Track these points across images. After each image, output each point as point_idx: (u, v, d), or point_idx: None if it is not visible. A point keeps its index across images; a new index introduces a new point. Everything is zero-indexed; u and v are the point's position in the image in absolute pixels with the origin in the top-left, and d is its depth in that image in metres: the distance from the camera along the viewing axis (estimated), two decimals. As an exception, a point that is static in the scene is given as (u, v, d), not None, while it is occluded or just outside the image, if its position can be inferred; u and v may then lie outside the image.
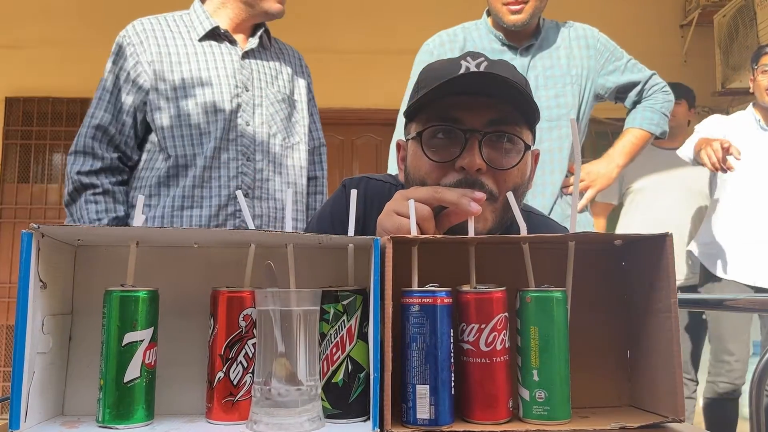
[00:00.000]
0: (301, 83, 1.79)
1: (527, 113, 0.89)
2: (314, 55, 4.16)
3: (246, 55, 1.68)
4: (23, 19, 4.12)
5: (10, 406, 0.71)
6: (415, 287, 0.78)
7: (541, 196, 1.80)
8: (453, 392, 0.76)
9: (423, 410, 0.74)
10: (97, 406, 0.76)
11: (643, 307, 0.85)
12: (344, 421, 0.78)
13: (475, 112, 0.87)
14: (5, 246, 4.08)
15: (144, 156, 1.65)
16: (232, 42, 1.67)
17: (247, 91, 1.65)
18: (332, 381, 0.79)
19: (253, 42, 1.70)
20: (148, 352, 0.77)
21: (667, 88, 2.02)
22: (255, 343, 0.78)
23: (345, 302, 0.79)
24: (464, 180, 0.88)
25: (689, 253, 2.73)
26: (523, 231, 0.83)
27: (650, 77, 1.99)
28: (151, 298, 0.78)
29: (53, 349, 0.79)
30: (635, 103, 2.00)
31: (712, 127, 2.64)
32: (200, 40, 1.65)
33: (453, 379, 0.76)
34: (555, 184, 1.82)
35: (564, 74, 1.87)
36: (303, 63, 1.85)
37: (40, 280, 0.75)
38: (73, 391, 0.83)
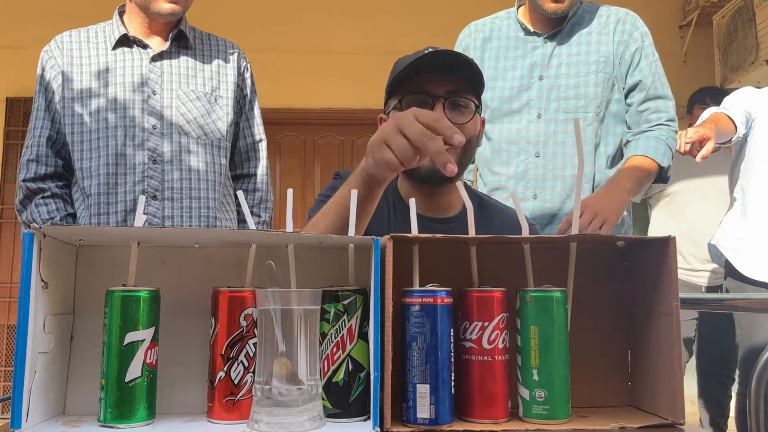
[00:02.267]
0: (229, 79, 1.78)
1: (475, 85, 1.19)
2: (314, 55, 4.18)
3: (158, 57, 1.71)
4: (23, 19, 4.12)
5: (11, 405, 0.71)
6: (416, 287, 0.78)
7: (551, 190, 1.73)
8: (453, 391, 0.76)
9: (423, 409, 0.74)
10: (98, 406, 0.76)
11: (644, 309, 0.85)
12: (345, 420, 0.79)
13: (438, 85, 1.16)
14: (6, 246, 4.08)
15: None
16: (144, 46, 1.71)
17: (155, 93, 1.67)
18: (333, 380, 0.79)
19: (167, 44, 1.72)
20: (149, 351, 0.77)
21: (675, 126, 1.79)
22: (256, 342, 0.79)
23: (345, 302, 0.80)
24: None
25: (711, 248, 2.44)
26: (525, 231, 0.83)
27: (662, 97, 1.78)
28: (152, 297, 0.78)
29: (54, 349, 0.79)
30: (633, 117, 1.80)
31: (739, 100, 2.31)
32: (113, 48, 1.70)
33: (453, 378, 0.77)
34: (565, 179, 1.72)
35: (589, 61, 1.74)
36: (238, 59, 1.82)
37: (42, 280, 0.75)
38: (75, 390, 0.83)
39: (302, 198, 4.23)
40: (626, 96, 1.80)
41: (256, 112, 1.85)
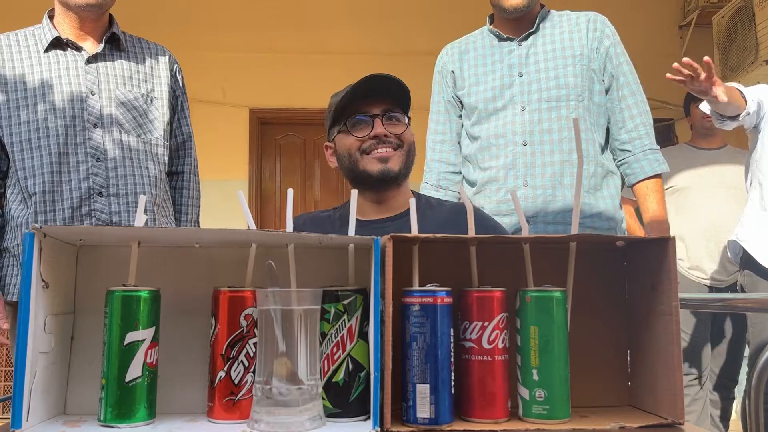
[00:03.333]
0: (163, 81, 1.83)
1: (404, 103, 1.37)
2: (314, 55, 4.18)
3: (93, 59, 1.73)
4: (23, 20, 4.12)
5: (12, 405, 0.71)
6: (415, 287, 0.78)
7: (540, 177, 1.76)
8: (453, 391, 0.76)
9: (423, 409, 0.74)
10: (98, 406, 0.76)
11: (644, 309, 0.85)
12: (345, 420, 0.79)
13: (375, 106, 1.34)
14: (5, 246, 4.08)
15: (10, 172, 1.70)
16: (78, 49, 1.72)
17: (93, 94, 1.69)
18: (333, 380, 0.79)
19: (100, 46, 1.74)
20: (149, 351, 0.77)
21: (650, 117, 1.86)
22: (256, 342, 0.79)
23: (345, 302, 0.80)
24: (377, 141, 1.33)
25: (732, 245, 2.38)
26: (525, 231, 0.83)
27: (636, 92, 1.83)
28: (152, 297, 0.78)
29: (55, 349, 0.79)
30: (617, 115, 1.85)
31: (752, 91, 2.28)
32: (45, 51, 1.70)
33: (453, 378, 0.77)
34: (554, 165, 1.77)
35: (566, 55, 1.81)
36: (169, 61, 1.87)
37: (43, 280, 0.75)
38: (75, 390, 0.83)
39: (302, 198, 4.23)
40: (606, 90, 1.88)
41: (187, 112, 1.91)
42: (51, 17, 1.77)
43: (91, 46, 1.74)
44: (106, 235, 0.87)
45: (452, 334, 0.77)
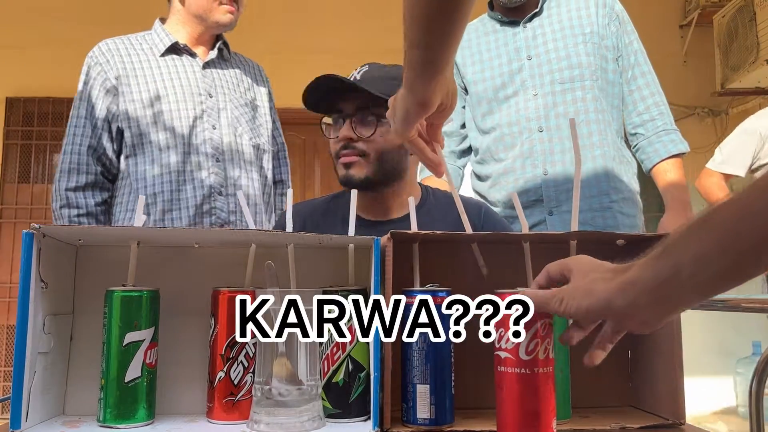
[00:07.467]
0: (262, 90, 1.92)
1: (380, 98, 1.17)
2: (314, 55, 4.18)
3: (207, 65, 1.80)
4: (23, 19, 4.12)
5: (11, 405, 0.71)
6: (415, 287, 0.78)
7: (561, 164, 1.67)
8: (453, 392, 0.76)
9: (423, 410, 0.74)
10: (98, 406, 0.76)
11: (643, 307, 0.85)
12: (344, 420, 0.79)
13: (350, 102, 1.24)
14: (6, 246, 4.08)
15: (124, 167, 1.73)
16: (192, 55, 1.79)
17: (211, 97, 1.76)
18: (333, 380, 0.79)
19: (213, 53, 1.82)
20: (149, 351, 0.77)
21: (664, 98, 1.77)
22: (255, 342, 0.79)
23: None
24: (345, 146, 1.24)
25: None
26: (525, 229, 0.83)
27: (647, 72, 1.75)
28: (152, 298, 0.78)
29: (54, 349, 0.79)
30: (628, 98, 1.78)
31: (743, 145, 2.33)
32: (162, 55, 1.77)
33: (453, 378, 0.76)
34: (565, 152, 1.67)
35: (575, 33, 1.72)
36: (263, 74, 1.98)
37: (41, 280, 0.75)
38: (74, 390, 0.83)
39: (302, 198, 4.23)
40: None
41: (278, 123, 2.00)
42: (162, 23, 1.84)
43: (203, 53, 1.82)
44: (106, 236, 0.86)
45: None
